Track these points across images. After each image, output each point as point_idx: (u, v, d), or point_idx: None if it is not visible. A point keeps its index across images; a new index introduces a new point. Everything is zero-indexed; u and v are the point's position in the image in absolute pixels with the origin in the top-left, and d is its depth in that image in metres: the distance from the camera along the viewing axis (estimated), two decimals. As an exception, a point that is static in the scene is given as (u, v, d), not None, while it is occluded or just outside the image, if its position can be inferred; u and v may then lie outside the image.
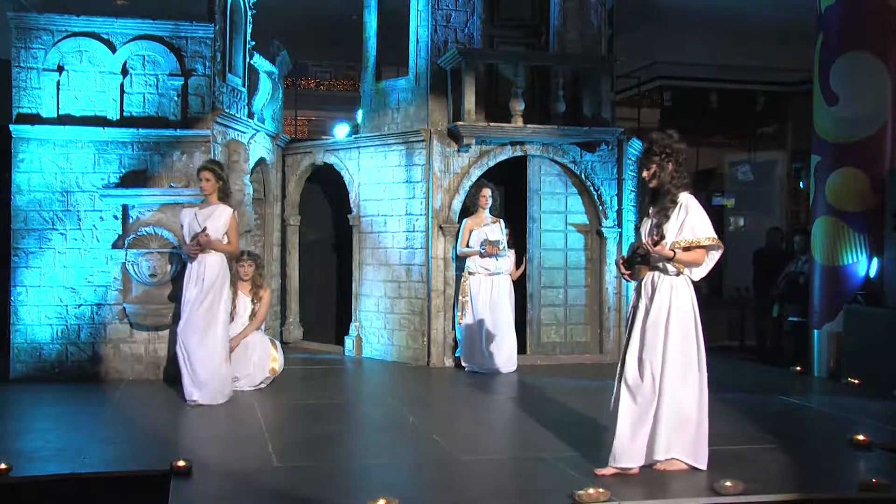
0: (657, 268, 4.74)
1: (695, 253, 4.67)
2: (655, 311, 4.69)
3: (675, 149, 4.73)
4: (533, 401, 7.14)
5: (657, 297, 4.70)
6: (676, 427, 4.66)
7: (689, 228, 4.66)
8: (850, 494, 4.53)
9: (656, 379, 4.65)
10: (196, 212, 6.81)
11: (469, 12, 8.97)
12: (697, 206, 4.73)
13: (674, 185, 4.72)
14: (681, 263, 4.68)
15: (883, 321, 7.61)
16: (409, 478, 4.92)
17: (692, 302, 4.75)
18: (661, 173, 4.74)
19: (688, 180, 4.78)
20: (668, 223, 4.68)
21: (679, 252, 4.63)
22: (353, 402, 7.49)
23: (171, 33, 7.81)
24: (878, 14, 8.06)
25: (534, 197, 9.07)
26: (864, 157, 8.08)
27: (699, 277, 4.77)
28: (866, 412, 6.60)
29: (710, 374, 4.86)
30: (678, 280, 4.71)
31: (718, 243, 4.71)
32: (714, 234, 4.69)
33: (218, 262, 6.75)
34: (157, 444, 5.48)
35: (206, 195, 6.85)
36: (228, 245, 6.83)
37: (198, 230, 6.68)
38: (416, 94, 9.13)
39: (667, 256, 4.63)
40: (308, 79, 17.24)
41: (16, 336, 7.67)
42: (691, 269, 4.73)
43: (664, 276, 4.72)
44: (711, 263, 4.78)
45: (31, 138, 7.66)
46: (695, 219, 4.67)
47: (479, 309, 8.42)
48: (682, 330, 4.69)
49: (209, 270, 6.69)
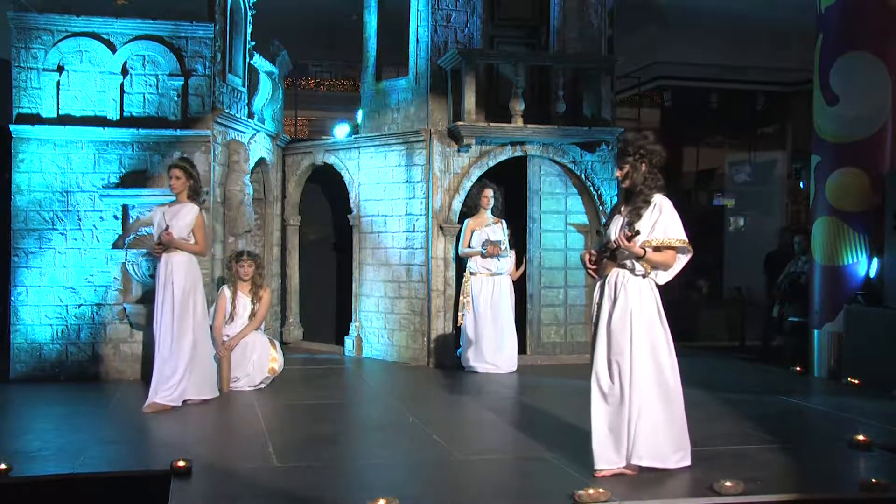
0: (624, 266, 4.68)
1: (665, 254, 4.63)
2: (620, 312, 4.64)
3: (649, 150, 4.69)
4: (533, 401, 7.14)
5: (621, 297, 4.65)
6: (649, 430, 4.61)
7: (662, 229, 4.61)
8: (850, 494, 4.53)
9: (625, 380, 4.61)
10: (164, 211, 6.71)
11: (469, 12, 8.97)
12: (671, 208, 4.68)
13: (647, 186, 4.68)
14: (650, 263, 4.62)
15: (883, 321, 7.60)
16: (408, 478, 4.92)
17: (657, 303, 4.70)
18: (633, 174, 4.71)
19: (662, 182, 4.73)
20: (641, 222, 4.64)
21: (649, 251, 4.59)
22: (353, 402, 7.49)
23: (171, 33, 7.81)
24: (878, 14, 8.05)
25: (534, 197, 9.08)
26: (864, 157, 8.07)
27: (665, 281, 4.72)
28: (866, 412, 6.59)
29: (710, 375, 4.88)
30: (644, 282, 4.66)
31: (688, 247, 4.66)
32: (685, 238, 4.64)
33: (185, 262, 6.62)
34: (157, 444, 5.49)
35: (176, 194, 6.72)
36: (195, 245, 6.68)
37: (161, 227, 6.61)
38: (416, 94, 9.13)
39: (637, 254, 4.58)
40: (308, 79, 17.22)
41: (16, 336, 7.67)
42: (657, 272, 4.68)
43: (630, 276, 4.66)
44: (679, 267, 4.72)
45: (31, 138, 7.66)
46: (667, 220, 4.62)
47: (480, 309, 8.43)
48: (648, 331, 4.63)
49: (177, 272, 6.55)
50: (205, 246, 6.84)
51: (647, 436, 4.62)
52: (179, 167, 6.70)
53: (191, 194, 6.73)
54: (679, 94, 15.43)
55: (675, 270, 4.73)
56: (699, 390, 7.43)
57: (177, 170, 6.68)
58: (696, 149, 15.71)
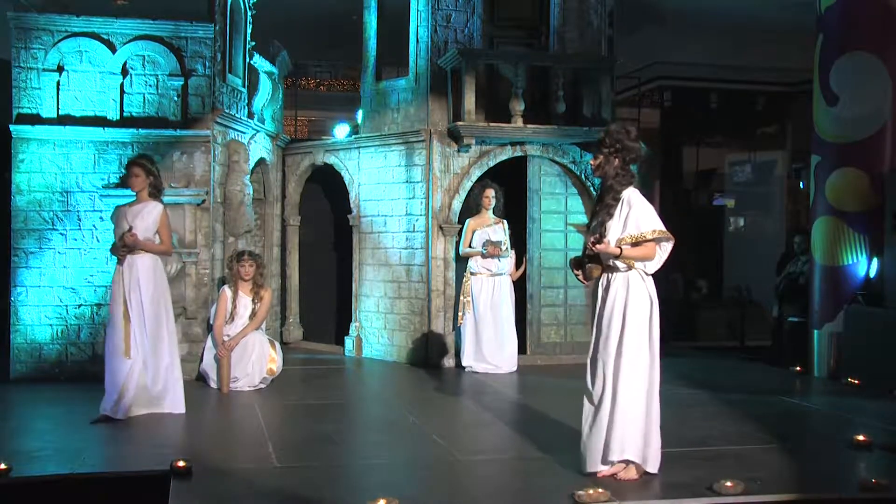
0: (609, 266, 4.65)
1: (644, 248, 4.57)
2: (609, 310, 4.62)
3: (625, 145, 4.64)
4: (533, 401, 7.14)
5: (610, 295, 4.62)
6: (629, 428, 4.58)
7: (634, 223, 4.56)
8: (850, 494, 4.53)
9: (608, 379, 4.59)
10: (126, 211, 6.26)
11: (469, 12, 8.97)
12: (641, 200, 4.63)
13: (617, 182, 4.64)
14: (630, 259, 4.57)
15: (883, 321, 7.60)
16: (408, 478, 4.92)
17: (648, 297, 4.62)
18: (605, 166, 4.68)
19: (634, 180, 4.69)
20: (612, 220, 4.61)
21: (626, 248, 4.54)
22: (354, 402, 7.49)
23: (171, 33, 7.81)
24: (878, 14, 8.05)
25: (534, 197, 9.08)
26: (864, 157, 8.07)
27: (654, 270, 4.66)
28: (866, 412, 6.59)
29: (711, 375, 4.87)
30: (631, 275, 4.60)
31: (667, 235, 4.60)
32: (660, 227, 4.57)
33: (151, 265, 6.22)
34: (157, 444, 5.48)
35: (136, 192, 6.29)
36: (160, 245, 6.30)
37: (123, 228, 6.15)
38: (416, 94, 9.13)
39: (612, 254, 4.55)
40: (308, 79, 17.21)
41: (16, 336, 7.67)
42: (644, 264, 4.62)
43: (617, 273, 4.63)
44: (665, 255, 4.66)
45: (31, 138, 7.67)
46: (638, 213, 4.57)
47: (481, 309, 8.43)
48: (635, 328, 4.58)
49: (143, 276, 6.15)
50: (170, 245, 6.46)
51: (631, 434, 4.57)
52: (138, 164, 6.29)
53: (152, 192, 6.32)
54: (679, 94, 15.41)
55: (662, 259, 4.67)
56: (699, 390, 7.45)
57: (135, 167, 6.27)
58: (696, 149, 15.69)
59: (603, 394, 4.61)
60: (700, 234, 14.49)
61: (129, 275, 6.13)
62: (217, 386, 7.34)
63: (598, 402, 4.63)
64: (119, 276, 6.18)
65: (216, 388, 7.34)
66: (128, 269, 6.15)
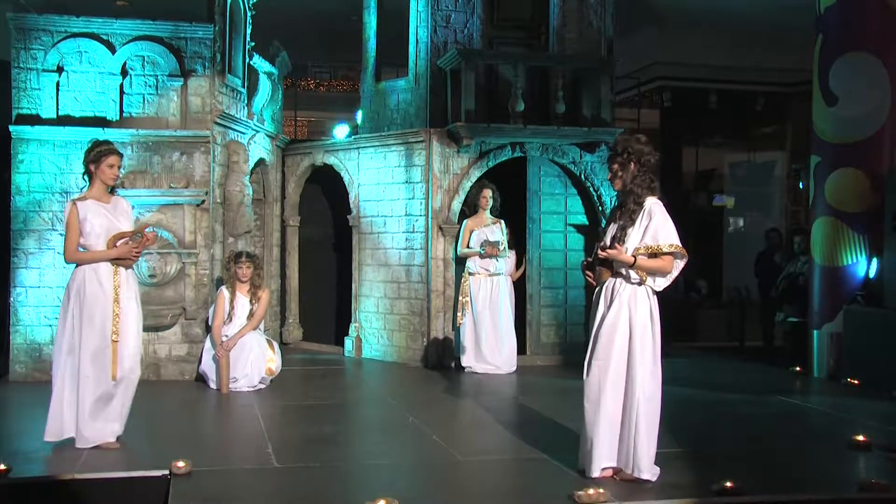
0: (620, 274, 4.61)
1: (660, 260, 4.53)
2: (612, 318, 4.57)
3: (636, 149, 4.62)
4: (532, 401, 7.14)
5: (615, 304, 4.58)
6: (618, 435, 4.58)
7: (652, 234, 4.53)
8: (850, 494, 4.54)
9: (603, 385, 4.57)
10: (103, 210, 5.42)
11: (469, 13, 8.97)
12: (662, 213, 4.59)
13: (637, 186, 4.61)
14: (643, 270, 4.52)
15: (883, 321, 7.60)
16: (408, 478, 4.92)
17: (651, 312, 4.58)
18: (622, 173, 4.66)
19: (655, 184, 4.66)
20: (633, 228, 4.58)
21: (641, 258, 4.51)
22: (353, 402, 7.49)
23: (170, 34, 7.81)
24: (878, 14, 8.06)
25: (533, 198, 9.08)
26: (863, 158, 8.07)
27: (662, 287, 4.61)
28: (866, 412, 6.60)
29: (711, 375, 4.87)
30: (639, 289, 4.56)
31: (683, 252, 4.57)
32: (677, 242, 4.54)
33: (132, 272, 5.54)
34: (157, 444, 5.48)
35: (112, 186, 5.54)
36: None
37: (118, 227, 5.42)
38: (415, 94, 9.13)
39: (626, 262, 4.52)
40: (308, 79, 17.22)
41: (16, 336, 7.67)
42: (655, 278, 4.58)
43: (625, 283, 4.58)
44: (675, 272, 4.62)
45: (30, 139, 7.66)
46: (658, 225, 4.53)
47: (479, 309, 8.43)
48: (637, 340, 4.54)
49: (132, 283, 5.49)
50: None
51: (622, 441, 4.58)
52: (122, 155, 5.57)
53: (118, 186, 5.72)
54: (679, 95, 15.43)
55: (672, 276, 4.63)
56: (699, 390, 7.45)
57: (119, 157, 5.48)
58: (696, 149, 15.71)
59: (597, 398, 4.60)
60: (700, 234, 14.50)
61: (126, 286, 5.39)
62: (216, 386, 7.35)
63: (596, 405, 4.61)
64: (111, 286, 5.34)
65: (216, 389, 7.34)
66: (125, 279, 5.39)
